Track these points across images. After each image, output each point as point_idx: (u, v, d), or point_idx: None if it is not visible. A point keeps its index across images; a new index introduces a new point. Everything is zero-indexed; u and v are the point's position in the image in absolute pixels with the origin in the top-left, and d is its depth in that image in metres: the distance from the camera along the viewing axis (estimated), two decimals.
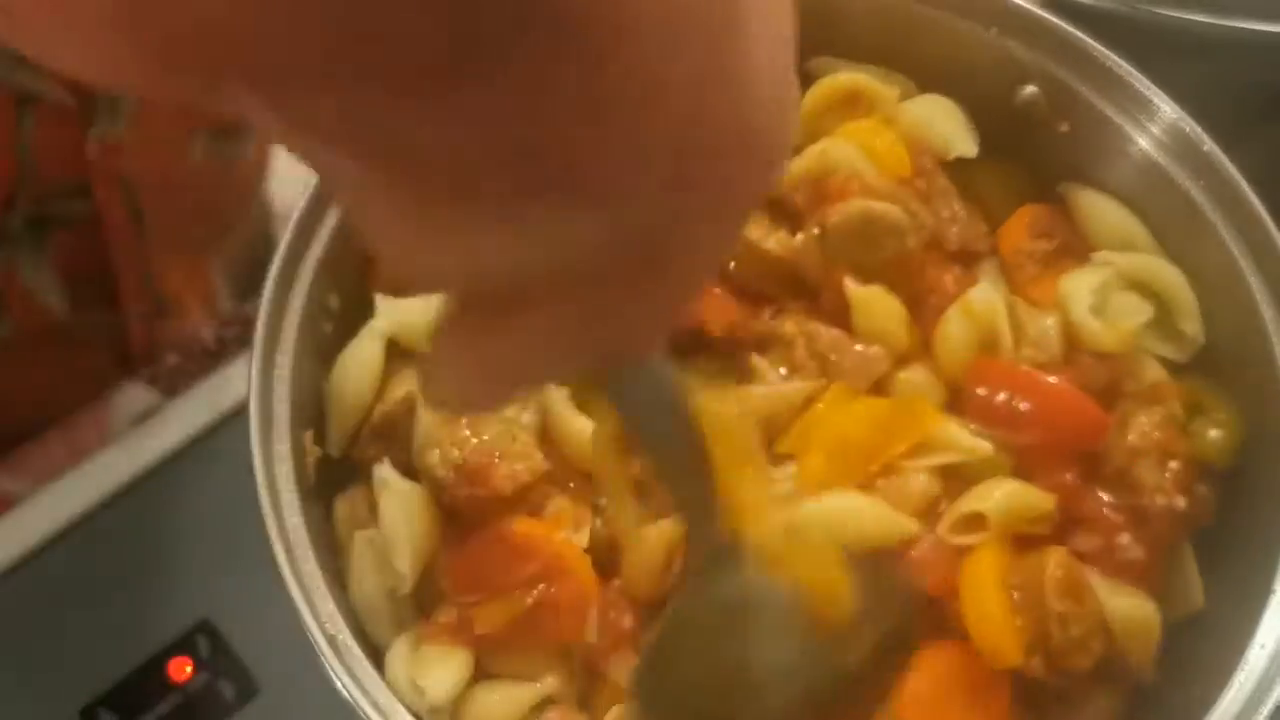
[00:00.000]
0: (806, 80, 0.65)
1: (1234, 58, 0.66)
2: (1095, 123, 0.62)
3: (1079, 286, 0.59)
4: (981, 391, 0.56)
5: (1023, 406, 0.55)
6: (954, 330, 0.58)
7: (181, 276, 0.81)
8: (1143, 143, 0.61)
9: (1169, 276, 0.60)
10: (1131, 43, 0.61)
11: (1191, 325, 0.60)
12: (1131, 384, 0.58)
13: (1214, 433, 0.58)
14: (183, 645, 0.67)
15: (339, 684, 0.47)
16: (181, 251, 0.81)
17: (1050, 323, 0.58)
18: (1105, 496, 0.56)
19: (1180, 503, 0.55)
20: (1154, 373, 0.59)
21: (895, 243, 0.58)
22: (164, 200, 0.75)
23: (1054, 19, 0.61)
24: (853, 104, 0.64)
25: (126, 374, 0.80)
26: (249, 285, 0.94)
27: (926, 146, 0.63)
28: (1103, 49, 0.61)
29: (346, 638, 0.49)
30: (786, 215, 0.60)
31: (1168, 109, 0.60)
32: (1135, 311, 0.59)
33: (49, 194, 0.67)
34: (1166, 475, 0.55)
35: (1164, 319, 0.60)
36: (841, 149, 0.60)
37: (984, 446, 0.54)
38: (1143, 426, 0.56)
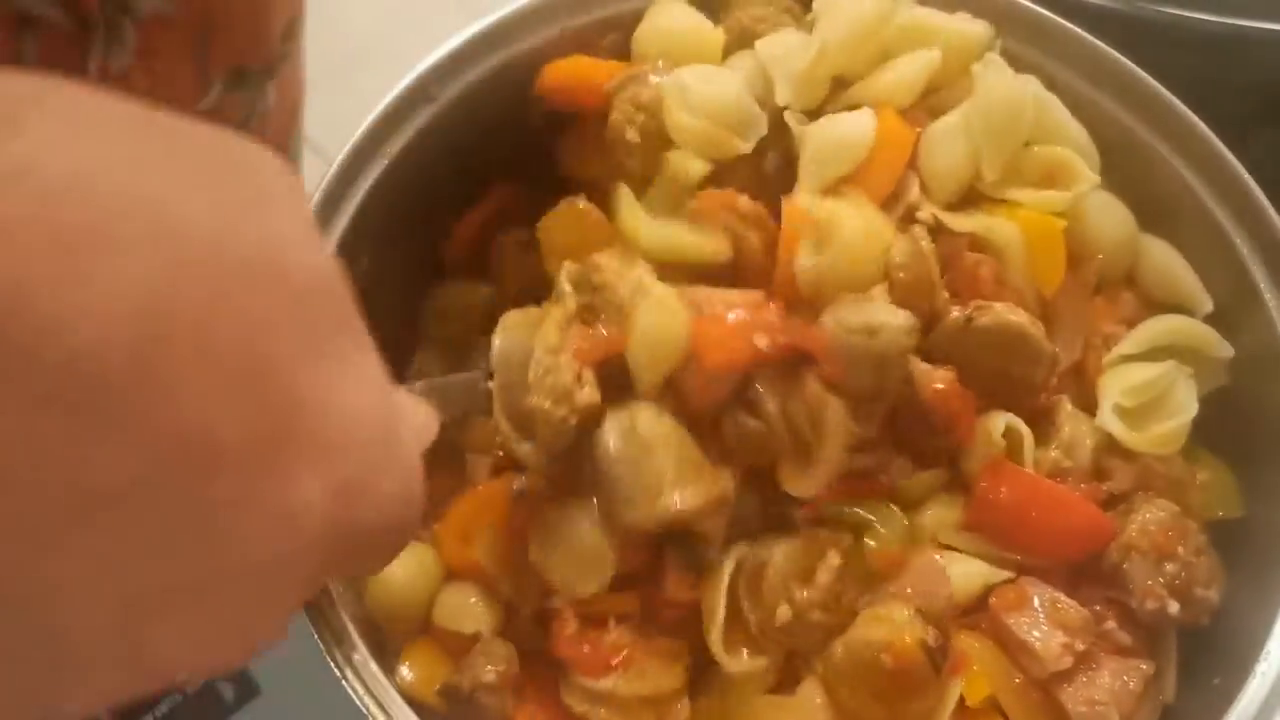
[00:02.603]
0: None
1: (1237, 56, 0.66)
2: (1093, 117, 0.61)
3: (1112, 386, 0.58)
4: (991, 510, 0.55)
5: (1030, 526, 0.54)
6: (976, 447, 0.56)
7: None
8: (1142, 135, 0.61)
9: (1188, 327, 0.60)
10: (1133, 40, 0.61)
11: (1222, 351, 0.59)
12: (1158, 481, 0.57)
13: (1206, 491, 0.58)
14: None
15: (349, 688, 0.48)
16: None
17: (1085, 429, 0.57)
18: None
19: (1173, 608, 0.54)
20: (1177, 470, 0.58)
21: (1026, 370, 0.55)
22: None
23: (1053, 17, 0.61)
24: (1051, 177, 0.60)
25: None
26: None
27: (1094, 256, 0.60)
28: (1100, 44, 0.61)
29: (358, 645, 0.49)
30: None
31: (1167, 103, 0.60)
32: (1181, 410, 0.57)
33: None
34: (1161, 579, 0.54)
35: (1197, 360, 0.59)
36: (1005, 232, 0.57)
37: (1003, 575, 0.54)
38: (1144, 523, 0.55)
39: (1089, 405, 0.58)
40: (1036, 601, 0.53)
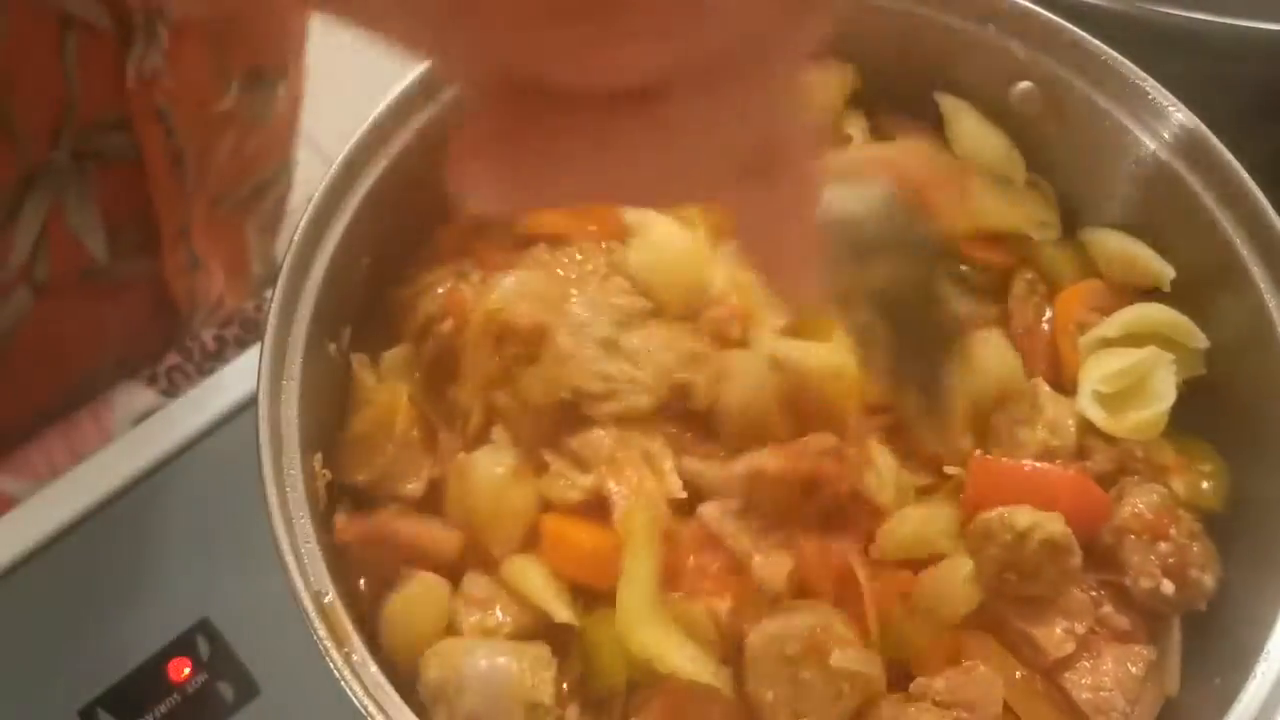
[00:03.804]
0: None
1: (1235, 56, 0.66)
2: (1093, 117, 0.62)
3: (1091, 373, 0.58)
4: (985, 506, 0.54)
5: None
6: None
7: (213, 234, 0.81)
8: (1142, 136, 0.61)
9: (1163, 315, 0.60)
10: (1132, 40, 0.61)
11: (1198, 341, 0.59)
12: (1138, 465, 0.58)
13: (1205, 484, 0.58)
14: (182, 645, 0.67)
15: (348, 688, 0.48)
16: (218, 206, 0.81)
17: (1066, 409, 0.57)
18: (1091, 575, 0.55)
19: (1167, 587, 0.54)
20: (1163, 455, 0.58)
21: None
22: (202, 144, 0.74)
23: (1053, 17, 0.61)
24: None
25: (169, 327, 0.80)
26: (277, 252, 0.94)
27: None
28: (1100, 45, 0.61)
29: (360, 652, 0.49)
30: None
31: (1166, 103, 0.60)
32: (1159, 398, 0.58)
33: (92, 126, 0.67)
34: (1153, 558, 0.54)
35: (1176, 348, 0.59)
36: None
37: None
38: (1136, 505, 0.55)
39: (1064, 391, 0.59)
40: None
